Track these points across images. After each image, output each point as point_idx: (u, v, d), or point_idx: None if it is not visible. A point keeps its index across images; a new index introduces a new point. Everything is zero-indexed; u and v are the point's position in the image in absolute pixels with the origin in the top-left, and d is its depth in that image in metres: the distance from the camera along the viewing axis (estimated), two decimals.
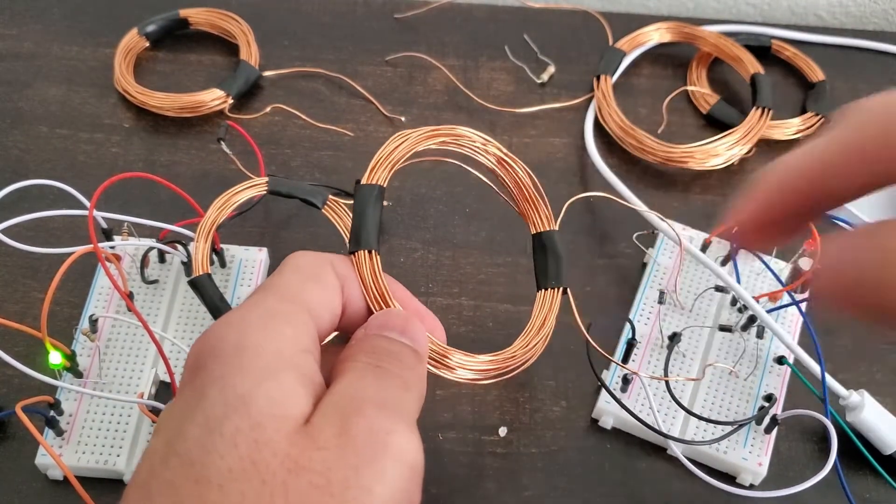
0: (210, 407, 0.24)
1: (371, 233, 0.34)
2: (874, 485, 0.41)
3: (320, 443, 0.23)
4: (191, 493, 0.22)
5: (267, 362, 0.25)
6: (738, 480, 0.41)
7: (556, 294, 0.39)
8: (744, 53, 0.55)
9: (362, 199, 0.35)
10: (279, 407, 0.24)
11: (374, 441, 0.24)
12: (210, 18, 0.57)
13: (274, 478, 0.22)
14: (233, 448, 0.23)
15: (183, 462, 0.23)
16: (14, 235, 0.40)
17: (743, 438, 0.41)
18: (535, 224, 0.41)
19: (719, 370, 0.43)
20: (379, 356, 0.28)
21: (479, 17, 0.60)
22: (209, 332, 0.27)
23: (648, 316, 0.44)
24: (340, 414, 0.25)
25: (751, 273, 0.46)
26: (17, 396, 0.39)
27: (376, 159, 0.36)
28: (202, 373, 0.25)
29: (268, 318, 0.27)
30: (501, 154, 0.40)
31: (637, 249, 0.48)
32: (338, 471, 0.23)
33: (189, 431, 0.24)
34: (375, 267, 0.33)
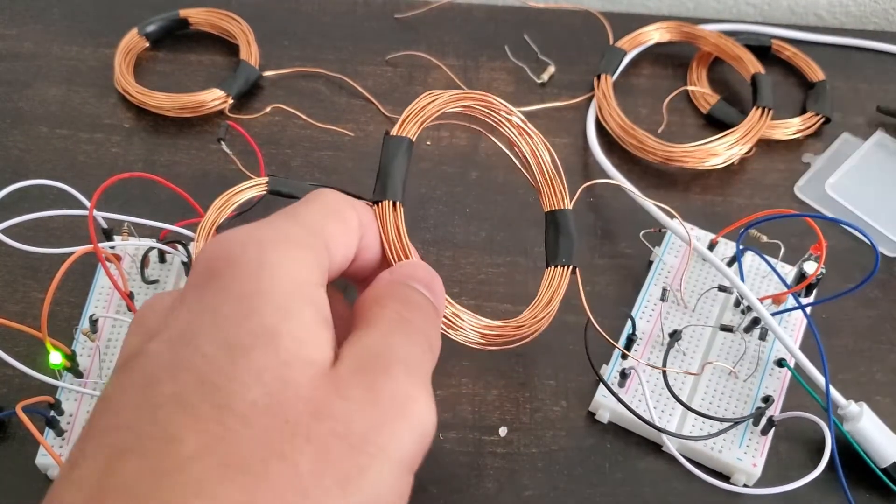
0: (233, 329, 0.23)
1: (397, 184, 0.34)
2: (873, 489, 0.41)
3: (345, 393, 0.23)
4: (209, 415, 0.21)
5: (289, 289, 0.24)
6: (731, 480, 0.41)
7: (564, 272, 0.39)
8: (744, 53, 0.55)
9: (390, 151, 0.34)
10: (305, 348, 0.24)
11: (396, 404, 0.24)
12: (210, 18, 0.57)
13: (298, 419, 0.22)
14: (258, 382, 0.22)
15: (201, 381, 0.22)
16: (14, 235, 0.40)
17: (739, 439, 0.41)
18: (550, 201, 0.40)
19: (718, 370, 0.43)
20: (409, 308, 0.27)
21: (479, 17, 0.60)
22: (225, 238, 0.25)
23: (651, 313, 0.45)
24: (368, 369, 0.24)
25: (756, 275, 0.46)
26: (18, 396, 0.39)
27: (407, 113, 0.36)
28: (217, 281, 0.24)
29: (287, 241, 0.26)
30: (524, 126, 0.40)
31: (637, 249, 0.48)
32: (358, 424, 0.23)
33: (206, 348, 0.23)
34: (399, 219, 0.33)
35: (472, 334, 0.36)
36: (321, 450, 0.22)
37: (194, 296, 0.24)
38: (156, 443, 0.21)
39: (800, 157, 0.54)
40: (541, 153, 0.40)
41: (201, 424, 0.21)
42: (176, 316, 0.24)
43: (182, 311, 0.24)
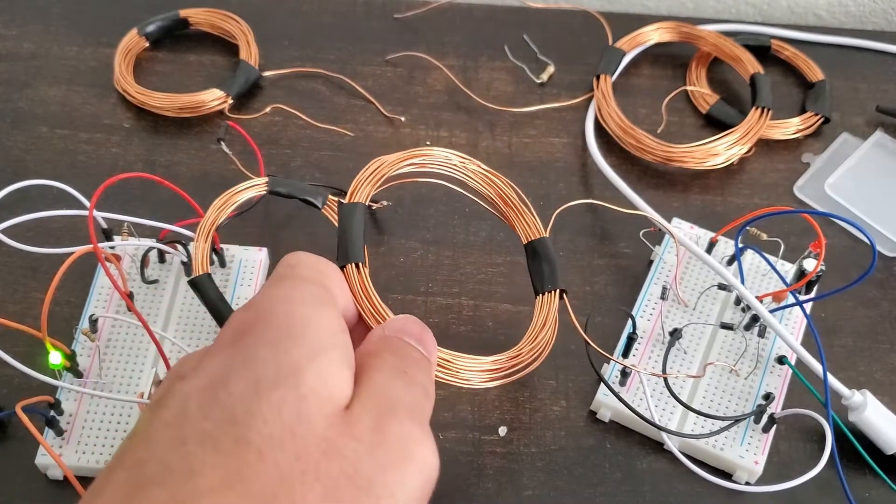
0: (262, 368, 0.24)
1: (358, 247, 0.35)
2: (874, 485, 0.41)
3: (356, 434, 0.24)
4: (229, 449, 0.22)
5: (319, 336, 0.26)
6: (734, 478, 0.41)
7: (553, 297, 0.40)
8: (743, 53, 0.55)
9: (345, 217, 0.36)
10: (326, 385, 0.25)
11: (403, 447, 0.25)
12: (210, 18, 0.57)
13: (308, 455, 0.23)
14: (276, 416, 0.23)
15: (225, 417, 0.23)
16: (14, 235, 0.40)
17: (740, 436, 0.41)
18: (526, 233, 0.41)
19: (719, 368, 0.43)
20: (404, 361, 0.29)
21: (479, 17, 0.60)
22: (254, 302, 0.27)
23: (651, 312, 0.45)
24: (377, 411, 0.25)
25: (756, 273, 0.46)
26: (17, 396, 0.39)
27: (355, 182, 0.38)
28: (249, 337, 0.26)
29: (313, 298, 0.28)
30: (482, 170, 0.41)
31: (636, 249, 0.48)
32: (367, 466, 0.24)
33: (234, 387, 0.24)
34: (364, 279, 0.34)
35: (472, 376, 0.36)
36: (330, 489, 0.23)
37: (228, 347, 0.26)
38: (178, 476, 0.22)
39: (799, 157, 0.54)
40: (505, 191, 0.41)
41: (221, 459, 0.22)
42: (210, 360, 0.26)
43: (216, 357, 0.26)
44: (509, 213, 0.42)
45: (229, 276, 0.45)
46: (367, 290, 0.34)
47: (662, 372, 0.41)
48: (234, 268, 0.45)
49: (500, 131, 0.54)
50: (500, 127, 0.54)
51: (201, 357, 0.26)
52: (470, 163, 0.41)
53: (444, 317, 0.46)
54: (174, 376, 0.26)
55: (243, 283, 0.44)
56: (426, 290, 0.47)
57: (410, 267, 0.48)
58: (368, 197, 0.38)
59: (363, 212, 0.37)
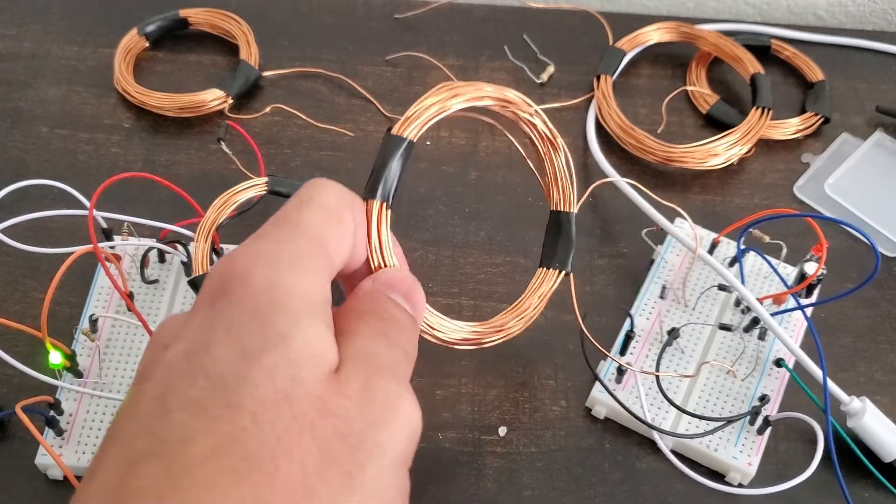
0: (247, 338, 0.24)
1: (390, 186, 0.33)
2: (872, 489, 0.41)
3: (347, 392, 0.24)
4: (220, 415, 0.22)
5: (301, 305, 0.25)
6: (726, 479, 0.41)
7: (556, 276, 0.39)
8: (744, 53, 0.55)
9: (388, 149, 0.34)
10: (315, 349, 0.25)
11: (389, 402, 0.25)
12: (210, 18, 0.57)
13: (304, 415, 0.23)
14: (269, 380, 0.23)
15: (214, 384, 0.23)
16: (14, 235, 0.40)
17: (735, 437, 0.41)
18: (556, 202, 0.40)
19: (717, 369, 0.43)
20: (387, 324, 0.29)
21: (479, 17, 0.60)
22: (236, 257, 0.26)
23: (651, 311, 0.45)
24: (364, 371, 0.25)
25: (758, 275, 0.46)
26: (17, 396, 0.39)
27: (413, 109, 0.35)
28: (230, 298, 0.25)
29: (297, 258, 0.27)
30: (542, 122, 0.38)
31: (636, 249, 0.48)
32: (358, 423, 0.24)
33: (220, 354, 0.23)
34: (384, 221, 0.33)
35: (440, 334, 0.36)
36: (325, 447, 0.23)
37: (207, 309, 0.25)
38: (170, 446, 0.22)
39: (799, 157, 0.54)
40: (558, 159, 0.39)
41: (214, 425, 0.22)
42: (189, 327, 0.25)
43: (195, 322, 0.25)
44: (551, 175, 0.40)
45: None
46: (382, 234, 0.32)
47: (656, 370, 0.41)
48: None
49: (500, 131, 0.54)
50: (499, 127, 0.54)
51: (183, 322, 0.26)
52: (538, 117, 0.38)
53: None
54: (156, 345, 0.26)
55: None
56: (426, 291, 0.47)
57: (410, 267, 0.48)
58: (419, 135, 0.35)
59: (409, 150, 0.34)
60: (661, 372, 0.41)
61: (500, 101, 0.37)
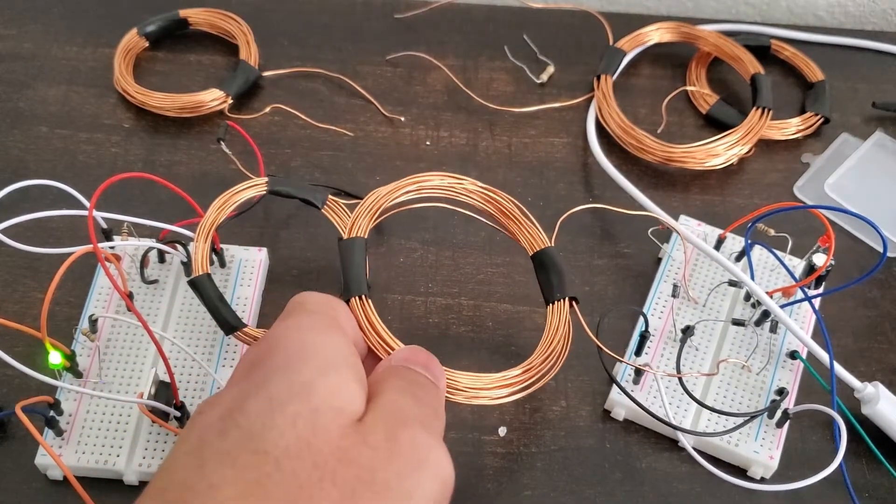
0: (275, 388, 0.25)
1: (360, 280, 0.36)
2: (886, 479, 0.41)
3: (370, 442, 0.25)
4: (247, 462, 0.23)
5: (328, 357, 0.27)
6: (749, 473, 0.41)
7: (563, 305, 0.40)
8: (744, 53, 0.55)
9: (346, 253, 0.37)
10: (338, 399, 0.26)
11: (417, 453, 0.26)
12: (210, 18, 0.57)
13: (325, 463, 0.24)
14: (292, 428, 0.24)
15: (243, 434, 0.24)
16: (14, 235, 0.40)
17: (755, 432, 0.41)
18: (531, 245, 0.41)
19: (731, 364, 0.43)
20: (411, 383, 0.30)
21: (479, 17, 0.60)
22: (266, 336, 0.29)
23: (662, 310, 0.45)
24: (390, 422, 0.26)
25: (765, 269, 0.46)
26: (17, 396, 0.39)
27: (354, 216, 0.39)
28: (263, 366, 0.27)
29: (323, 326, 0.29)
30: (478, 188, 0.42)
31: (637, 249, 0.48)
32: (383, 472, 0.24)
33: (251, 407, 0.25)
34: (369, 311, 0.35)
35: (486, 394, 0.37)
36: (347, 494, 0.23)
37: (242, 378, 0.27)
38: (199, 493, 0.23)
39: (799, 157, 0.54)
40: (506, 206, 0.42)
41: (240, 472, 0.23)
42: (225, 393, 0.27)
43: (231, 389, 0.27)
44: (512, 227, 0.42)
45: (229, 277, 0.45)
46: (372, 320, 0.35)
47: (677, 370, 0.41)
48: (233, 268, 0.45)
49: (499, 131, 0.54)
50: (499, 127, 0.54)
51: (220, 394, 0.27)
52: (467, 182, 0.41)
53: (444, 317, 0.46)
54: (196, 413, 0.27)
55: (243, 284, 0.44)
56: (426, 291, 0.47)
57: (410, 267, 0.48)
58: (367, 230, 0.38)
59: (363, 246, 0.38)
60: (683, 373, 0.41)
61: (422, 184, 0.41)
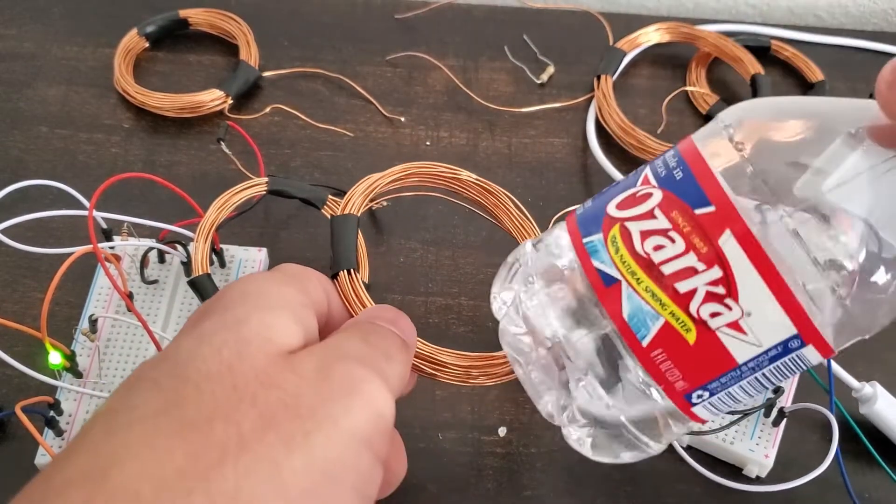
0: (208, 325, 0.26)
1: (349, 254, 0.36)
2: (882, 480, 0.41)
3: (298, 371, 0.25)
4: (169, 386, 0.24)
5: (269, 300, 0.27)
6: (744, 472, 0.41)
7: None
8: (744, 54, 0.55)
9: (338, 228, 0.37)
10: (268, 331, 0.26)
11: (348, 383, 0.25)
12: (210, 19, 0.57)
13: (246, 386, 0.24)
14: (216, 355, 0.25)
15: (170, 365, 0.25)
16: (14, 235, 0.40)
17: (750, 430, 0.41)
18: (525, 240, 0.41)
19: None
20: (367, 332, 0.29)
21: (479, 17, 0.60)
22: (216, 293, 0.29)
23: None
24: (324, 356, 0.26)
25: None
26: (17, 396, 0.39)
27: (347, 197, 0.38)
28: (206, 313, 0.27)
29: (276, 280, 0.29)
30: (473, 180, 0.41)
31: None
32: (308, 397, 0.24)
33: (182, 343, 0.26)
34: (357, 283, 0.35)
35: (458, 372, 0.36)
36: (266, 414, 0.24)
37: (185, 329, 0.28)
38: (120, 411, 0.24)
39: None
40: (500, 199, 0.42)
41: (161, 394, 0.24)
42: (172, 343, 0.27)
43: (174, 340, 0.27)
44: (506, 221, 0.42)
45: (229, 277, 0.45)
46: (360, 294, 0.34)
47: None
48: (233, 268, 0.45)
49: (499, 131, 0.54)
50: (499, 127, 0.54)
51: None
52: (461, 173, 0.41)
53: (443, 317, 0.46)
54: None
55: None
56: (426, 291, 0.47)
57: (410, 267, 0.48)
58: (360, 209, 0.38)
59: (355, 223, 0.37)
60: None
61: (426, 170, 0.40)
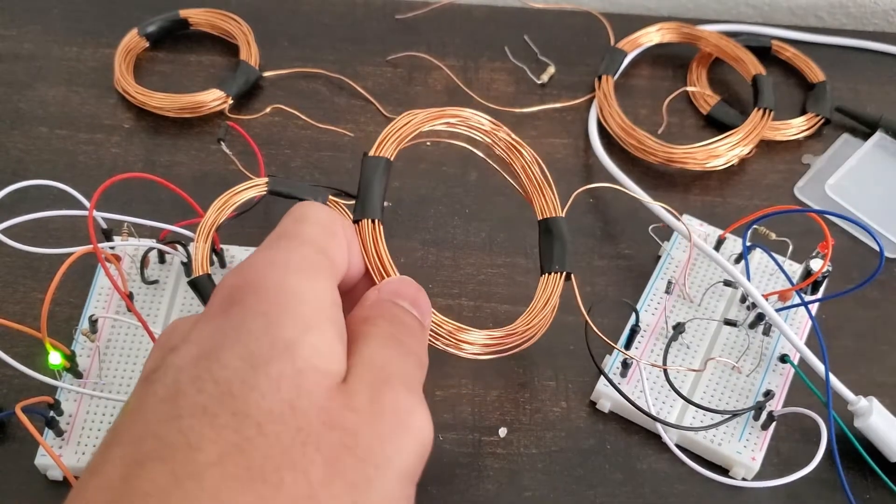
0: (255, 343, 0.24)
1: (376, 203, 0.35)
2: (876, 488, 0.41)
3: (354, 405, 0.24)
4: (228, 423, 0.22)
5: (310, 311, 0.26)
6: (730, 474, 0.41)
7: (558, 278, 0.40)
8: (745, 54, 0.55)
9: (369, 170, 0.35)
10: (322, 359, 0.25)
11: (399, 417, 0.25)
12: (210, 19, 0.57)
13: (310, 426, 0.23)
14: (276, 390, 0.23)
15: (222, 391, 0.23)
16: (14, 236, 0.40)
17: (739, 432, 0.41)
18: (542, 210, 0.41)
19: (721, 364, 0.43)
20: (397, 327, 0.29)
21: (480, 17, 0.60)
22: (245, 267, 0.27)
23: (656, 306, 0.45)
24: (372, 382, 0.25)
25: (764, 273, 0.46)
26: (17, 397, 0.39)
27: (384, 134, 0.37)
28: (240, 306, 0.25)
29: (307, 265, 0.27)
30: (510, 139, 0.40)
31: (638, 250, 0.48)
32: (365, 436, 0.24)
33: (229, 361, 0.24)
34: (378, 236, 0.34)
35: (466, 346, 0.36)
36: (331, 459, 0.23)
37: (218, 316, 0.25)
38: (177, 450, 0.22)
39: (799, 158, 0.54)
40: (529, 164, 0.41)
41: (220, 433, 0.22)
42: (199, 331, 0.25)
43: (205, 327, 0.25)
44: (529, 188, 0.41)
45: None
46: (380, 247, 0.33)
47: (663, 363, 0.41)
48: None
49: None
50: None
51: (192, 325, 0.26)
52: (500, 130, 0.40)
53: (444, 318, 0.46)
54: (165, 347, 0.26)
55: None
56: (426, 291, 0.47)
57: (410, 268, 0.48)
58: (395, 153, 0.37)
59: (387, 168, 0.36)
60: (669, 366, 0.41)
61: (460, 118, 0.39)
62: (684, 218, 0.48)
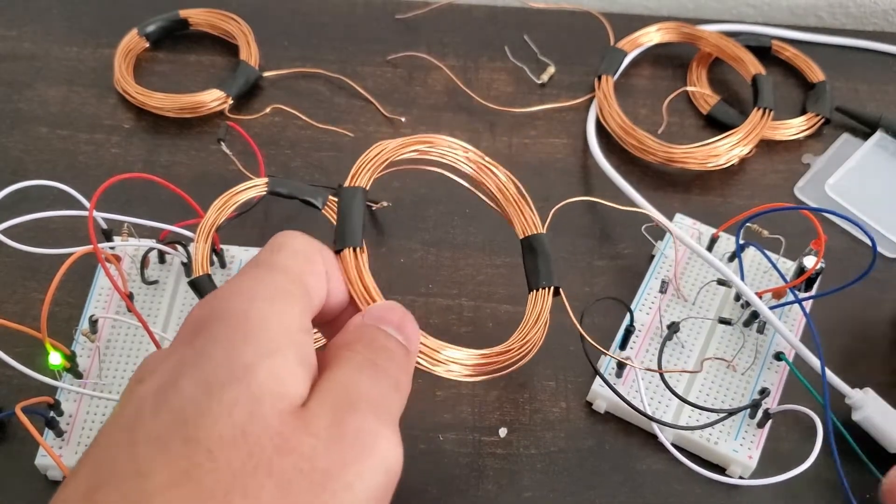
0: (212, 369, 0.24)
1: (355, 231, 0.35)
2: (871, 485, 0.41)
3: (312, 430, 0.24)
4: (179, 451, 0.22)
5: (273, 336, 0.25)
6: (727, 472, 0.41)
7: (546, 294, 0.40)
8: (745, 54, 0.55)
9: (346, 200, 0.36)
10: (279, 384, 0.24)
11: (362, 441, 0.24)
12: (210, 19, 0.57)
13: (262, 452, 0.23)
14: (227, 416, 0.23)
15: (175, 419, 0.23)
16: (14, 236, 0.40)
17: (735, 430, 0.41)
18: (523, 228, 0.41)
19: (717, 363, 0.43)
20: (376, 352, 0.28)
21: (480, 17, 0.60)
22: (213, 298, 0.27)
23: (651, 306, 0.45)
24: (335, 406, 0.25)
25: (758, 270, 0.46)
26: (17, 397, 0.39)
27: (357, 165, 0.37)
28: (204, 334, 0.25)
29: (276, 294, 0.27)
30: (482, 161, 0.41)
31: (636, 250, 0.48)
32: (323, 461, 0.23)
33: (185, 388, 0.24)
34: (361, 264, 0.34)
35: (456, 367, 0.35)
36: (282, 485, 0.22)
37: (183, 345, 0.26)
38: (127, 478, 0.22)
39: (799, 157, 0.54)
40: (504, 184, 0.41)
41: (171, 459, 0.22)
42: (166, 363, 0.25)
43: (171, 358, 0.25)
44: (508, 208, 0.41)
45: (229, 277, 0.45)
46: (363, 275, 0.33)
47: (658, 363, 0.41)
48: (234, 268, 0.45)
49: (500, 132, 0.54)
50: (500, 127, 0.54)
51: (162, 358, 0.26)
52: (472, 153, 0.41)
53: (444, 318, 0.46)
54: (135, 380, 0.26)
55: None
56: (426, 291, 0.47)
57: (410, 268, 0.48)
58: (370, 182, 0.37)
59: (363, 196, 0.36)
60: (664, 369, 0.41)
61: (428, 144, 0.40)
62: (676, 217, 0.48)
